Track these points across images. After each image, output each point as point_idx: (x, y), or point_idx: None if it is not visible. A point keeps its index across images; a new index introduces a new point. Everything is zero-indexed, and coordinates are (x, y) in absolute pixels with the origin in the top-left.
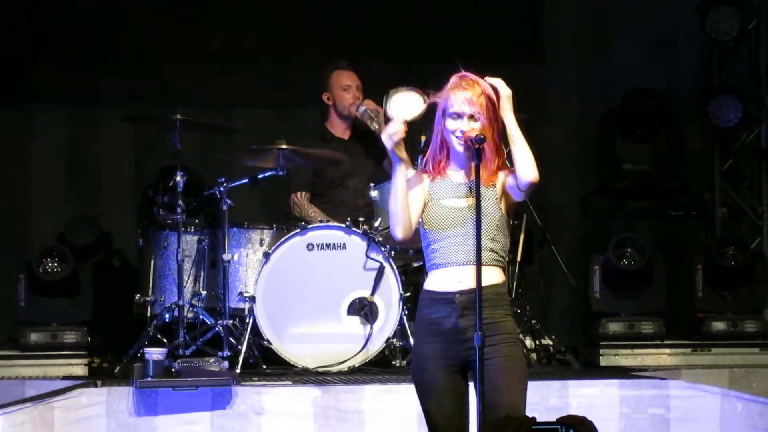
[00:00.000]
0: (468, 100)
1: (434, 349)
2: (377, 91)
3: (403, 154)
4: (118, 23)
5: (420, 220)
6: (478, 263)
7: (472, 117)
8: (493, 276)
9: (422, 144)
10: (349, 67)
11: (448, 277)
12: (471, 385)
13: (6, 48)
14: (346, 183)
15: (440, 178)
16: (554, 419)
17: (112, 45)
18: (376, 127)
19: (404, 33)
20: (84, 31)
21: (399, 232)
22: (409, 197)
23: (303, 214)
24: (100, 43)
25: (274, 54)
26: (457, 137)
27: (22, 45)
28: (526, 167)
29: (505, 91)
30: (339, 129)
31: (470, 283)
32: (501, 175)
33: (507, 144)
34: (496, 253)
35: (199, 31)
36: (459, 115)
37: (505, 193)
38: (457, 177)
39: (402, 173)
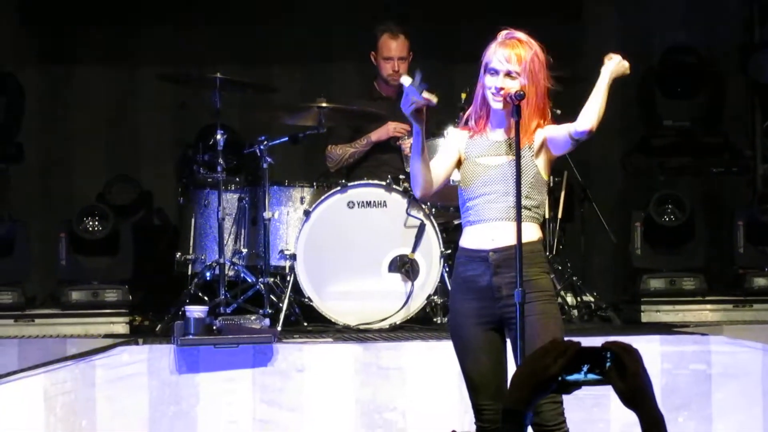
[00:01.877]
0: (507, 57)
1: (470, 307)
2: (421, 52)
3: (422, 121)
4: None
5: (453, 180)
6: (519, 221)
7: (508, 74)
8: (528, 233)
9: (462, 101)
10: (397, 33)
11: (482, 234)
12: (508, 341)
13: (45, 8)
14: (391, 142)
15: (479, 135)
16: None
17: (152, 4)
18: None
19: None
20: None
21: (418, 191)
22: (441, 155)
23: (332, 159)
24: (139, 3)
25: (317, 11)
26: (492, 93)
27: (61, 5)
28: (591, 117)
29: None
30: (387, 89)
31: (504, 241)
32: (540, 132)
33: (550, 103)
34: (530, 210)
35: None
36: (496, 72)
37: (545, 149)
38: (495, 135)
39: (421, 138)
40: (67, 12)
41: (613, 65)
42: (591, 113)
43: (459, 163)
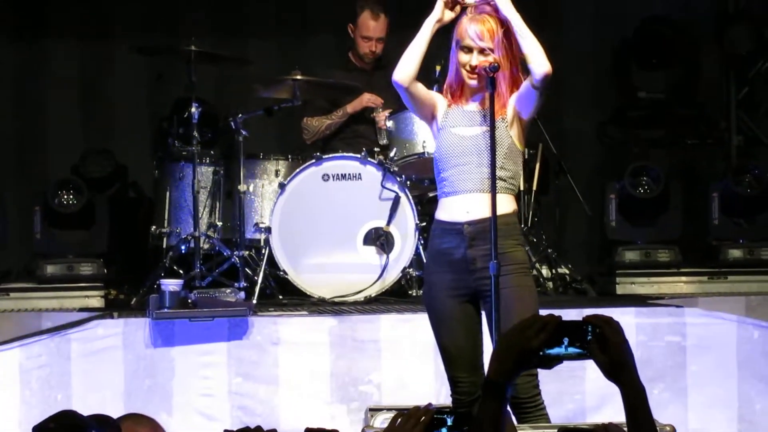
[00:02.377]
0: (479, 34)
1: (445, 279)
2: (395, 22)
3: (443, 13)
4: None
5: (428, 152)
6: (493, 193)
7: (482, 51)
8: (503, 205)
9: (437, 73)
10: (378, 12)
11: (457, 206)
12: (483, 314)
13: None
14: (364, 114)
15: (455, 106)
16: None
17: None
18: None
19: None
20: None
21: (399, 75)
22: (424, 92)
23: (308, 131)
24: None
25: None
26: (466, 71)
27: None
28: (538, 59)
29: None
30: (362, 61)
31: (479, 213)
32: (510, 100)
33: (525, 75)
34: (505, 181)
35: None
36: (469, 49)
37: (517, 117)
38: (470, 106)
39: (432, 26)
40: None
41: (502, 2)
42: (535, 58)
43: (432, 116)
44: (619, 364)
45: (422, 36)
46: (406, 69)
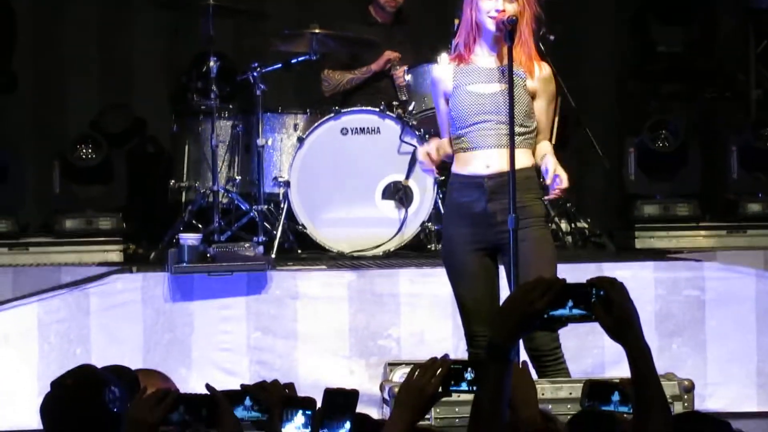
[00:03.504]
0: None
1: (464, 233)
2: None
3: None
4: None
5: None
6: (512, 150)
7: None
8: (523, 160)
9: (456, 27)
10: None
11: (477, 160)
12: (501, 267)
13: None
14: (384, 71)
15: (467, 64)
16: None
17: None
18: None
19: None
20: None
21: None
22: (440, 104)
23: (329, 84)
24: None
25: None
26: (491, 17)
27: None
28: None
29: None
30: (381, 14)
31: (498, 167)
32: (536, 71)
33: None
34: (524, 135)
35: None
36: None
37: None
38: (486, 62)
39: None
40: None
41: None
42: None
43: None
44: (623, 324)
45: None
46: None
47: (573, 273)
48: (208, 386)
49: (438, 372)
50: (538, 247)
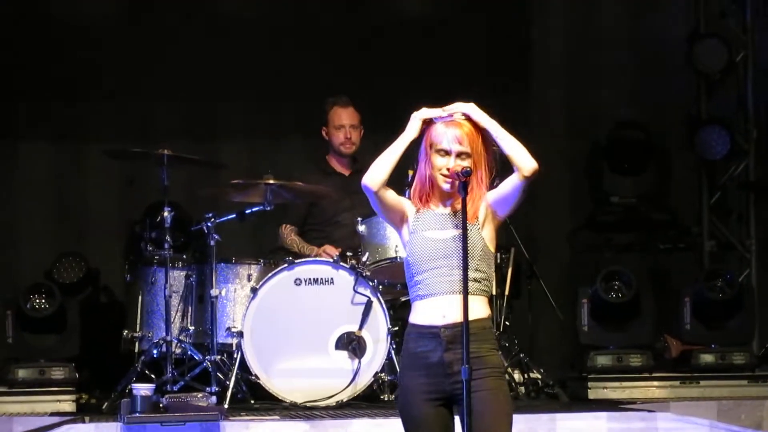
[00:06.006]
0: (458, 138)
1: (420, 383)
2: (367, 124)
3: (418, 130)
4: (102, 60)
5: (400, 256)
6: (465, 297)
7: (459, 155)
8: (479, 309)
9: (410, 178)
10: (347, 103)
11: (433, 309)
12: (457, 418)
13: None
14: (343, 220)
15: (424, 210)
16: None
17: (98, 81)
18: None
19: (377, 68)
20: (69, 67)
21: (369, 180)
22: (394, 198)
23: (285, 245)
24: (85, 80)
25: (264, 88)
26: (443, 174)
27: (6, 82)
28: (523, 158)
29: (470, 108)
30: (339, 164)
31: (455, 317)
32: (484, 201)
33: (493, 177)
34: (480, 282)
35: (186, 66)
36: (447, 152)
37: (490, 217)
38: (441, 209)
39: (407, 142)
40: (10, 87)
41: (475, 114)
42: (519, 157)
43: (401, 221)
44: None
45: (396, 149)
46: (376, 175)
47: (527, 423)
48: None
49: None
50: (494, 396)
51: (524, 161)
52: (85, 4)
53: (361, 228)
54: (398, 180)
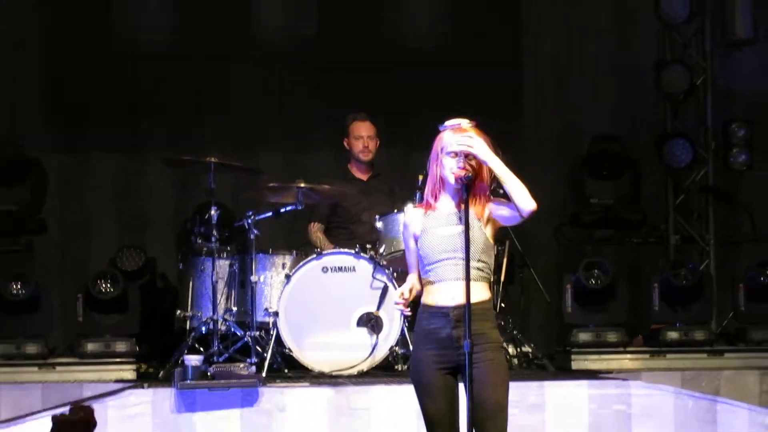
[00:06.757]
0: (464, 141)
1: (431, 354)
2: (385, 142)
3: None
4: (159, 81)
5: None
6: (468, 284)
7: (467, 156)
8: (481, 293)
9: (420, 182)
10: (365, 118)
11: (443, 293)
12: (461, 385)
13: (65, 102)
14: (362, 218)
15: (432, 211)
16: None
17: (156, 99)
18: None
19: (392, 89)
20: (132, 87)
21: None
22: (410, 254)
23: (310, 240)
24: (145, 98)
25: (297, 106)
26: (453, 173)
27: (81, 101)
28: (523, 199)
29: (478, 145)
30: (359, 171)
31: (462, 299)
32: (489, 207)
33: (496, 179)
34: (482, 271)
35: (230, 86)
36: (455, 154)
37: (492, 220)
38: (449, 208)
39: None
40: (85, 105)
41: (484, 152)
42: (521, 199)
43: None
44: None
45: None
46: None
47: (519, 390)
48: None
49: None
50: (494, 366)
51: (524, 202)
52: (142, 43)
53: (379, 224)
54: (409, 184)
